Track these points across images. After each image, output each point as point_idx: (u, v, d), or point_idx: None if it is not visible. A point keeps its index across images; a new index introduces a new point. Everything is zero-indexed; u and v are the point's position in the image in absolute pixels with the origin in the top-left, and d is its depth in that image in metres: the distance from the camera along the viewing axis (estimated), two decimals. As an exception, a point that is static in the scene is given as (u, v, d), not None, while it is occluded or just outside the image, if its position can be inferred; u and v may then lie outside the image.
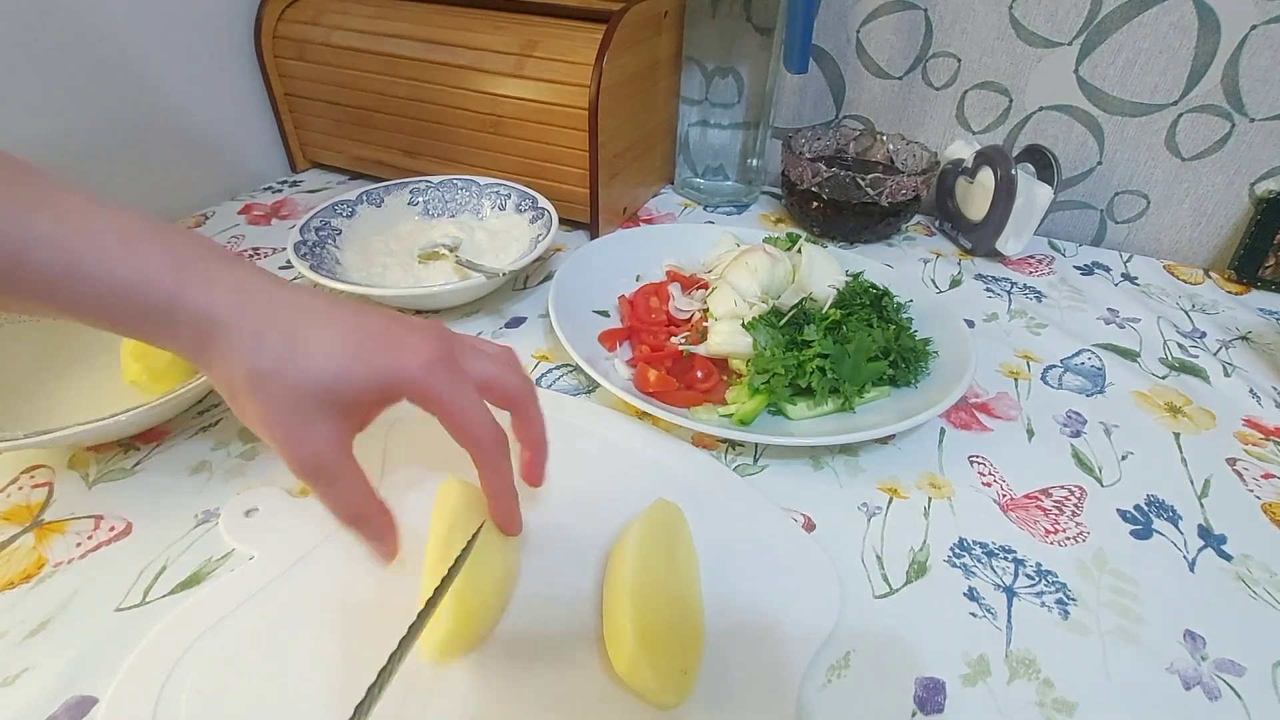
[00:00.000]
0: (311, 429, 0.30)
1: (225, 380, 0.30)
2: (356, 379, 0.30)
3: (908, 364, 0.51)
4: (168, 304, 0.28)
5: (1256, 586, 0.41)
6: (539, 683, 0.33)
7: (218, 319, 0.28)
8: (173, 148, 0.74)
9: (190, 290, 0.28)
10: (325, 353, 0.30)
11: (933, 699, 0.34)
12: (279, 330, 0.29)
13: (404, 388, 0.31)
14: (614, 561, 0.37)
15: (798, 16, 0.68)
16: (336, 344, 0.30)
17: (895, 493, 0.45)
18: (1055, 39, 0.71)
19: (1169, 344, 0.62)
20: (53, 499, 0.43)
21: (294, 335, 0.29)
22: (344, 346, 0.30)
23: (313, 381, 0.29)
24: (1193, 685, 0.35)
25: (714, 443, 0.49)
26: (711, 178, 0.83)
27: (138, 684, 0.33)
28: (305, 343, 0.29)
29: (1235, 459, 0.49)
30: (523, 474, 0.38)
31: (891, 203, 0.72)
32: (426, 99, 0.74)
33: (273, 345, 0.29)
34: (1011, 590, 0.40)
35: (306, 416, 0.29)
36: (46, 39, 0.61)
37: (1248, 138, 0.69)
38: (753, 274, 0.56)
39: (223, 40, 0.76)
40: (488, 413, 0.34)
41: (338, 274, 0.59)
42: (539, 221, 0.65)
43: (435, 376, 0.31)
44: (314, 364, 0.29)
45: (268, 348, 0.29)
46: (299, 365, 0.29)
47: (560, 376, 0.55)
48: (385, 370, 0.30)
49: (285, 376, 0.29)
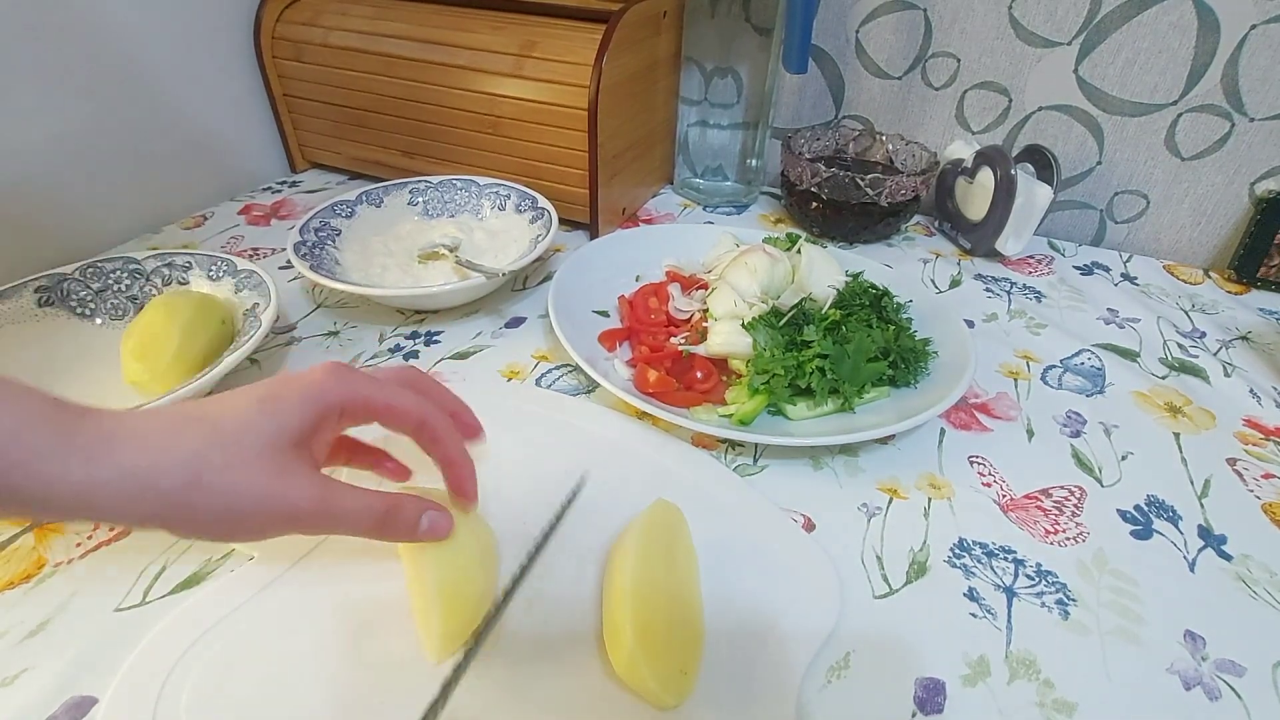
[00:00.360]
0: (286, 476, 0.28)
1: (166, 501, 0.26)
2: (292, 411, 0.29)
3: (907, 364, 0.51)
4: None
5: (1257, 586, 0.41)
6: (539, 683, 0.33)
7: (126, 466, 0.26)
8: (172, 148, 0.74)
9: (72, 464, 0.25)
10: (246, 406, 0.29)
11: (933, 699, 0.34)
12: (190, 421, 0.28)
13: (326, 397, 0.30)
14: (613, 562, 0.37)
15: (797, 16, 0.68)
16: (250, 396, 0.29)
17: (895, 493, 0.45)
18: (1055, 39, 0.71)
19: (1169, 344, 0.62)
20: (52, 500, 0.43)
21: (208, 418, 0.28)
22: (257, 397, 0.29)
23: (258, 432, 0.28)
24: (1193, 685, 0.35)
25: (714, 443, 0.49)
26: (711, 178, 0.83)
27: (138, 684, 0.33)
28: (222, 416, 0.28)
29: (1235, 459, 0.49)
30: (454, 497, 0.36)
31: (891, 203, 0.72)
32: (425, 99, 0.74)
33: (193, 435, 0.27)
34: (1011, 590, 0.40)
35: (273, 466, 0.28)
36: (46, 40, 0.61)
37: (1247, 137, 0.69)
38: (752, 274, 0.56)
39: (222, 41, 0.76)
40: (408, 393, 0.33)
41: (337, 274, 0.59)
42: (539, 222, 0.65)
43: (340, 374, 0.31)
44: (245, 420, 0.28)
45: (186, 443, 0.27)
46: (232, 431, 0.28)
47: (560, 376, 0.55)
48: (303, 392, 0.30)
49: (230, 447, 0.27)
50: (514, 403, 0.51)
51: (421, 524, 0.32)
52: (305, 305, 0.62)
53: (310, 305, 0.62)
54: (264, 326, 0.49)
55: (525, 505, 0.42)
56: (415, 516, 0.32)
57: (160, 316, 0.50)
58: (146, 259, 0.57)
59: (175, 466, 0.26)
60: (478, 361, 0.56)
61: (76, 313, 0.54)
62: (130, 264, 0.56)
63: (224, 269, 0.56)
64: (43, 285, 0.53)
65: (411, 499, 0.32)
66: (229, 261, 0.56)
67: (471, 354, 0.57)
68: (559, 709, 0.33)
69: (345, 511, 0.30)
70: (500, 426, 0.49)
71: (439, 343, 0.58)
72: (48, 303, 0.53)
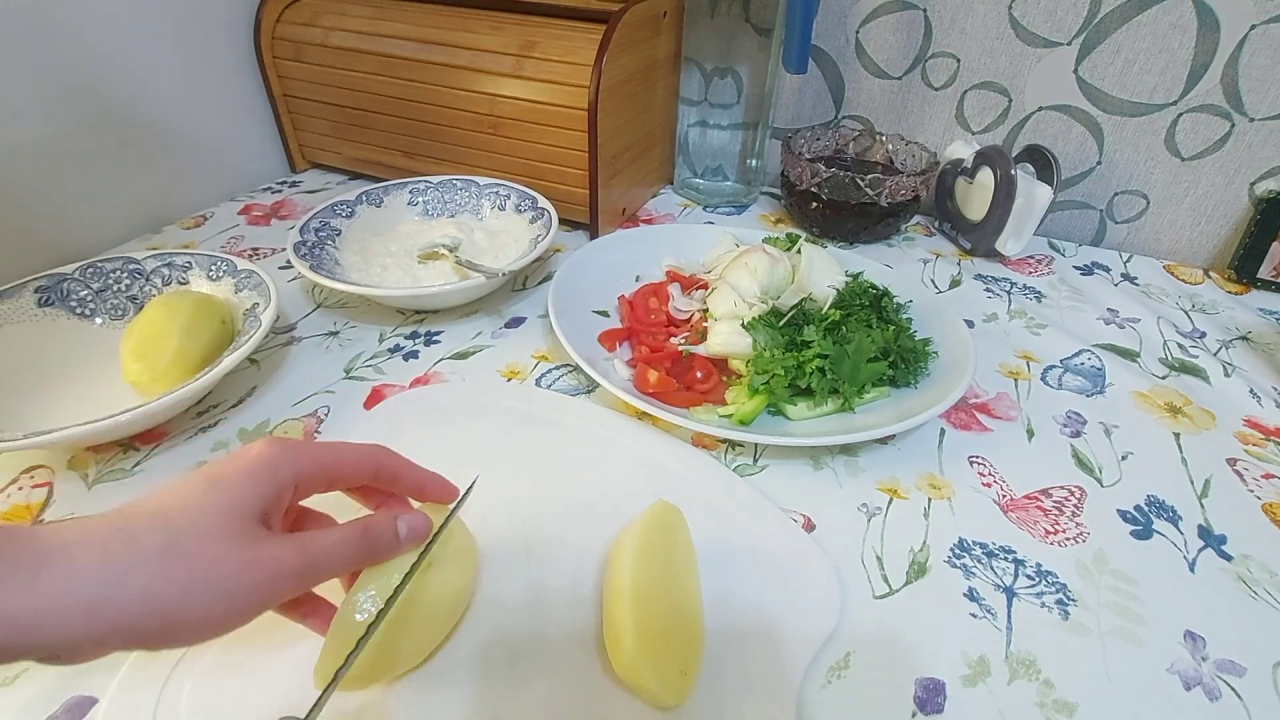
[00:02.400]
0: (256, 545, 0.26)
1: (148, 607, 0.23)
2: (243, 486, 0.27)
3: (907, 364, 0.51)
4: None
5: (1257, 587, 0.41)
6: (539, 683, 0.33)
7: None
8: (172, 148, 0.74)
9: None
10: (194, 492, 0.26)
11: (933, 699, 0.34)
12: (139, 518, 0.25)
13: (279, 471, 0.28)
14: (613, 562, 0.37)
15: (797, 17, 0.68)
16: (196, 481, 0.27)
17: (895, 493, 0.45)
18: (1054, 39, 0.71)
19: (1169, 344, 0.62)
20: (52, 499, 0.43)
21: (159, 513, 0.25)
22: (204, 479, 0.27)
23: (215, 512, 0.26)
24: (1193, 686, 0.35)
25: (714, 443, 0.49)
26: (711, 178, 0.83)
27: (138, 684, 0.33)
28: (172, 509, 0.26)
29: (1235, 459, 0.49)
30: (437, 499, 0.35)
31: (891, 203, 0.72)
32: (425, 99, 0.74)
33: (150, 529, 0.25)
34: (1011, 591, 0.40)
35: (240, 539, 0.26)
36: (45, 39, 0.61)
37: (1247, 137, 0.69)
38: (752, 274, 0.56)
39: (222, 41, 0.76)
40: (350, 443, 0.32)
41: (337, 274, 0.59)
42: (539, 222, 0.65)
43: (287, 445, 0.29)
44: (199, 506, 0.26)
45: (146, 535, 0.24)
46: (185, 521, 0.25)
47: (560, 377, 0.55)
48: (252, 467, 0.28)
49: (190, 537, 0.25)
50: (514, 403, 0.51)
51: (400, 531, 0.31)
52: (305, 305, 0.62)
53: (310, 305, 0.62)
54: (264, 326, 0.49)
55: (524, 507, 0.42)
56: (392, 528, 0.31)
57: (160, 316, 0.50)
58: (146, 259, 0.57)
59: (135, 567, 0.23)
60: (478, 361, 0.56)
61: (76, 313, 0.54)
62: (130, 264, 0.56)
63: (224, 269, 0.56)
64: (43, 285, 0.53)
65: (380, 514, 0.32)
66: (229, 261, 0.56)
67: (471, 354, 0.57)
68: (558, 709, 0.33)
69: (325, 550, 0.28)
70: (500, 427, 0.49)
71: (439, 343, 0.58)
72: (48, 303, 0.53)
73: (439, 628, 0.34)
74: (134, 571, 0.23)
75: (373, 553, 0.31)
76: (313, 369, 0.55)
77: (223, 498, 0.26)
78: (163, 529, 0.24)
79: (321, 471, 0.30)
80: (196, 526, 0.25)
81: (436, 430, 0.48)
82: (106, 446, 0.47)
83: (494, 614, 0.37)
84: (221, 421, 0.49)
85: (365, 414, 0.50)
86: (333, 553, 0.29)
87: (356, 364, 0.55)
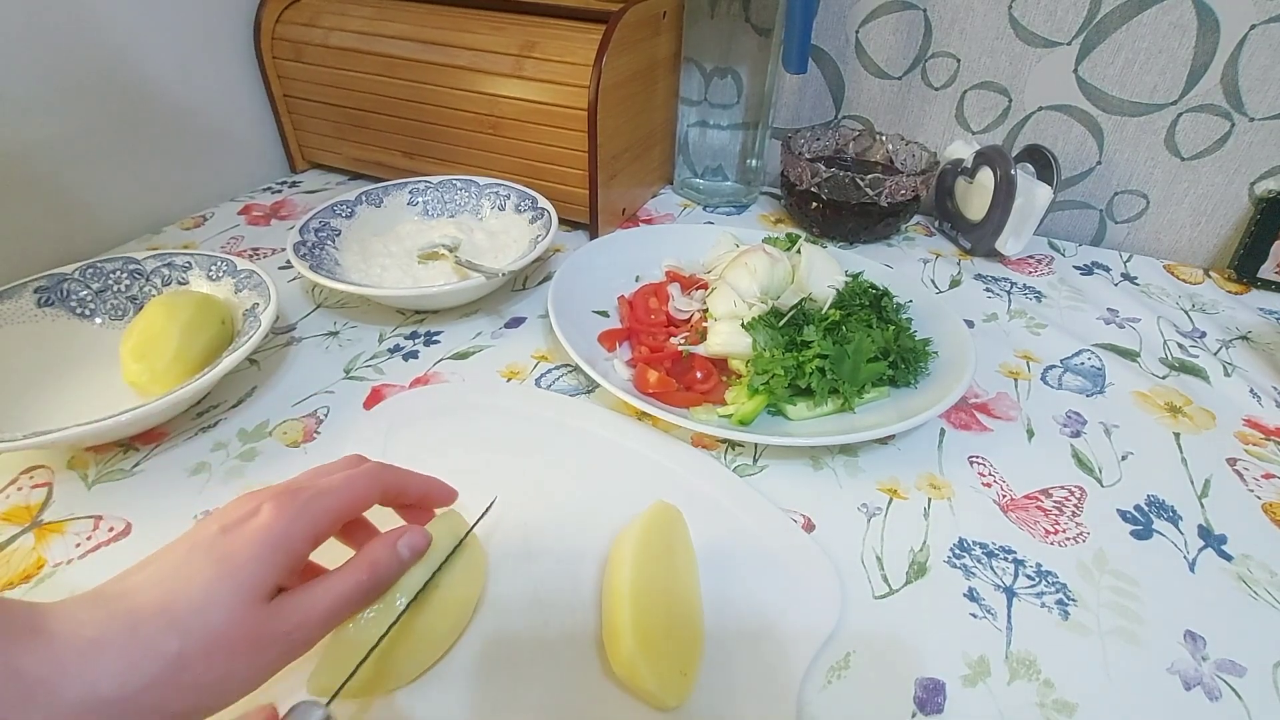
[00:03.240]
0: (269, 624, 0.26)
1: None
2: (254, 567, 0.26)
3: (907, 364, 0.51)
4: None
5: (1257, 587, 0.41)
6: (538, 683, 0.33)
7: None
8: (172, 148, 0.74)
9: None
10: (201, 577, 0.26)
11: (933, 699, 0.34)
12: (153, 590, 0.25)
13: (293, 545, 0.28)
14: (613, 563, 0.37)
15: (796, 17, 0.68)
16: (204, 562, 0.26)
17: (895, 493, 0.45)
18: (1054, 39, 0.71)
19: (1169, 344, 0.62)
20: (52, 499, 0.43)
21: (167, 609, 0.25)
22: (213, 560, 0.26)
23: (225, 606, 0.25)
24: (1193, 686, 0.35)
25: (713, 443, 0.49)
26: (711, 178, 0.83)
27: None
28: (177, 600, 0.25)
29: (1235, 459, 0.49)
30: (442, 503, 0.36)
31: (891, 203, 0.72)
32: (425, 100, 0.74)
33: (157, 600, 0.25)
34: (1011, 591, 0.40)
35: (253, 624, 0.26)
36: (46, 39, 0.61)
37: (1247, 137, 0.69)
38: (752, 274, 0.56)
39: (222, 41, 0.76)
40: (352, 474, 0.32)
41: (337, 275, 0.59)
42: (538, 222, 0.65)
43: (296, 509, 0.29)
44: (207, 598, 0.25)
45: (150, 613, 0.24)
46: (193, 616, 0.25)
47: (560, 377, 0.55)
48: (263, 543, 0.27)
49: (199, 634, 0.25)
50: (513, 403, 0.51)
51: (403, 555, 0.32)
52: (305, 305, 0.62)
53: (310, 305, 0.62)
54: (264, 326, 0.49)
55: (524, 507, 0.42)
56: (395, 554, 0.31)
57: (160, 316, 0.50)
58: (146, 259, 0.57)
59: (152, 684, 0.23)
60: (477, 362, 0.56)
61: (76, 313, 0.54)
62: (130, 264, 0.56)
63: (224, 269, 0.56)
64: (43, 285, 0.53)
65: (376, 543, 0.32)
66: (229, 261, 0.56)
67: (471, 354, 0.57)
68: (558, 710, 0.33)
69: (337, 600, 0.28)
70: (500, 427, 0.49)
71: (439, 343, 0.58)
72: (48, 303, 0.53)
73: (443, 641, 0.34)
74: (149, 688, 0.23)
75: (384, 584, 0.31)
76: (313, 369, 0.55)
77: (232, 585, 0.26)
78: (174, 633, 0.24)
79: (333, 523, 0.30)
80: (209, 628, 0.25)
81: (436, 431, 0.48)
82: (106, 447, 0.47)
83: (494, 614, 0.37)
84: (221, 422, 0.49)
85: (365, 414, 0.50)
86: (342, 598, 0.29)
87: (356, 364, 0.55)
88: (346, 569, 0.30)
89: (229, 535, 0.27)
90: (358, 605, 0.30)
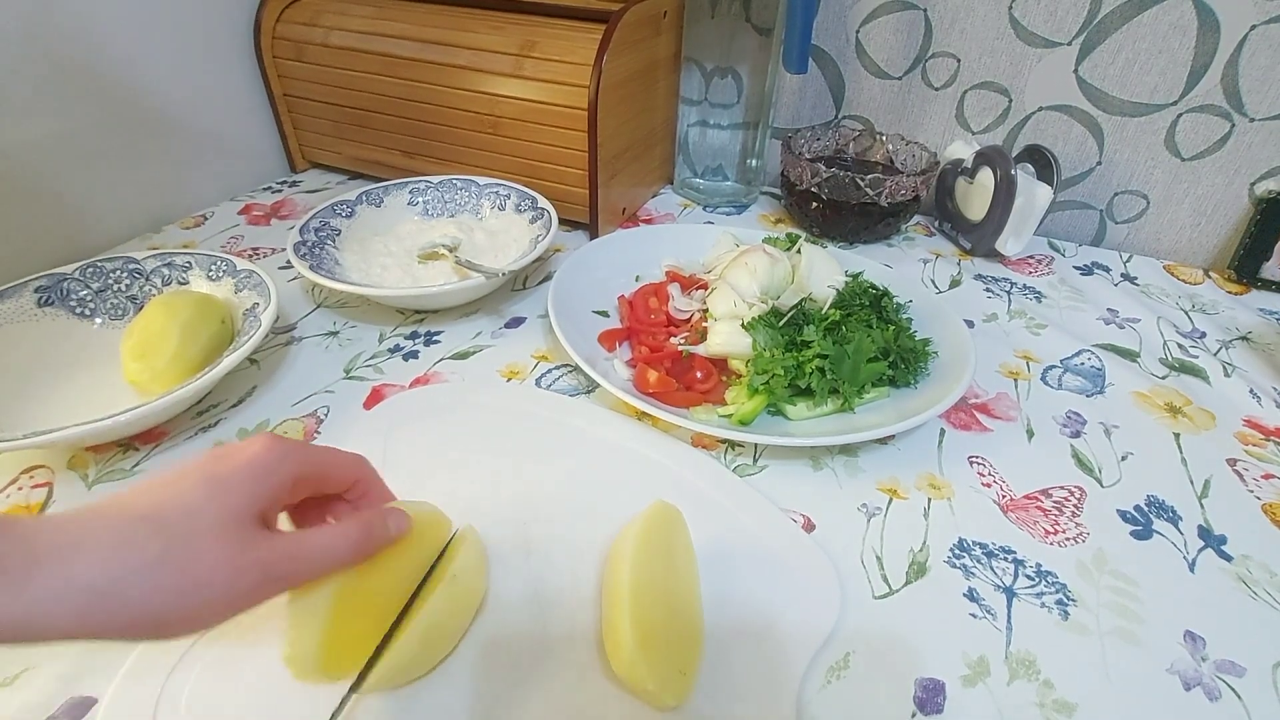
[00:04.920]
0: (250, 547, 0.27)
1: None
2: (241, 488, 0.27)
3: (907, 364, 0.51)
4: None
5: (1257, 587, 0.41)
6: (538, 682, 0.33)
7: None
8: (172, 148, 0.74)
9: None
10: (191, 490, 0.26)
11: (932, 699, 0.34)
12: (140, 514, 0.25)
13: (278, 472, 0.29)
14: (613, 563, 0.37)
15: (797, 17, 0.68)
16: (194, 479, 0.27)
17: (895, 493, 0.45)
18: (1055, 39, 0.71)
19: (1169, 344, 0.62)
20: (52, 499, 0.43)
21: (155, 515, 0.25)
22: (202, 478, 0.27)
23: (212, 516, 0.26)
24: (1193, 686, 0.35)
25: (713, 443, 0.49)
26: (711, 178, 0.83)
27: (138, 684, 0.33)
28: (167, 508, 0.26)
29: (1235, 459, 0.49)
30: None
31: (891, 203, 0.72)
32: (425, 99, 0.74)
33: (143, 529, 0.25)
34: (1011, 591, 0.40)
35: (235, 541, 0.26)
36: (46, 39, 0.61)
37: (1247, 138, 0.69)
38: (752, 274, 0.56)
39: (222, 41, 0.77)
40: (339, 449, 0.33)
41: (337, 274, 0.59)
42: (539, 222, 0.65)
43: (286, 446, 0.30)
44: (194, 507, 0.26)
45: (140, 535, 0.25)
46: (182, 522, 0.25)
47: (560, 377, 0.55)
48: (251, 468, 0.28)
49: (185, 539, 0.25)
50: (513, 403, 0.51)
51: (390, 531, 0.32)
52: (305, 305, 0.62)
53: (310, 305, 0.62)
54: (264, 326, 0.49)
55: (524, 507, 0.42)
56: (385, 525, 0.32)
57: (160, 316, 0.50)
58: (146, 259, 0.57)
59: (131, 575, 0.23)
60: (477, 361, 0.56)
61: (76, 313, 0.54)
62: (130, 264, 0.56)
63: (224, 269, 0.56)
64: (43, 285, 0.53)
65: (369, 511, 0.32)
66: (229, 261, 0.56)
67: (471, 354, 0.57)
68: (558, 709, 0.33)
69: (321, 549, 0.29)
70: (500, 427, 0.49)
71: (439, 343, 0.58)
72: (48, 303, 0.53)
73: (452, 636, 0.35)
74: (129, 580, 0.23)
75: (372, 548, 0.31)
76: (313, 369, 0.55)
77: (220, 501, 0.26)
78: (160, 534, 0.25)
79: (316, 473, 0.31)
80: (193, 533, 0.25)
81: (436, 430, 0.48)
82: (106, 446, 0.47)
83: (494, 614, 0.37)
84: (221, 421, 0.49)
85: (365, 414, 0.50)
86: (330, 550, 0.29)
87: (356, 364, 0.55)
88: (338, 525, 0.30)
89: (220, 461, 0.28)
90: (342, 560, 0.30)
